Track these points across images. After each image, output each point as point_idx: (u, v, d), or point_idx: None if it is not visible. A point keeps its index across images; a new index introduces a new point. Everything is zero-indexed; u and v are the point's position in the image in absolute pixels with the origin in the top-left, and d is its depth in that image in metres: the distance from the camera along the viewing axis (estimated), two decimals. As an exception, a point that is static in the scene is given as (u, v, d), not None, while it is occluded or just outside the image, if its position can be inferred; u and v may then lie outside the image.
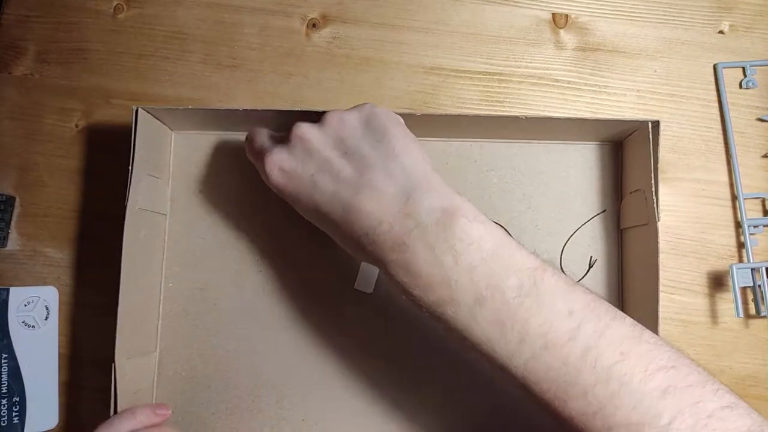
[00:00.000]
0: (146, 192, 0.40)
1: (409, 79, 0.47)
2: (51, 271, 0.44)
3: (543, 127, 0.42)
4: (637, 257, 0.42)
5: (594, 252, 0.44)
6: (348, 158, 0.33)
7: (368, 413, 0.42)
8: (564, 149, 0.45)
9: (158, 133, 0.43)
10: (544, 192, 0.45)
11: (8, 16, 0.47)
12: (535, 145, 0.45)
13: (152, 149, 0.42)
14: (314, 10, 0.47)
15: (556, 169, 0.45)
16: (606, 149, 0.45)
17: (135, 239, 0.39)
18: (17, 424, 0.41)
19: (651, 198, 0.38)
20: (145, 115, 0.40)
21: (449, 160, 0.45)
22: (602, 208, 0.45)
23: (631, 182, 0.43)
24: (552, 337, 0.28)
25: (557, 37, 0.47)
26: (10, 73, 0.47)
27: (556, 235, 0.44)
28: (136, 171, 0.39)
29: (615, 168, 0.45)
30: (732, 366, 0.44)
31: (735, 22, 0.47)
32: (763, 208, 0.45)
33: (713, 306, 0.44)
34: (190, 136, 0.45)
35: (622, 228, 0.44)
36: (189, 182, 0.45)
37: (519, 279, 0.29)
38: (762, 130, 0.46)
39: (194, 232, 0.44)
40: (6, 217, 0.44)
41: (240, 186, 0.44)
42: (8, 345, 0.42)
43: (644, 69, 0.47)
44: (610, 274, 0.44)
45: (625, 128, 0.42)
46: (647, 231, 0.39)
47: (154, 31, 0.47)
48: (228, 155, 0.45)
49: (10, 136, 0.46)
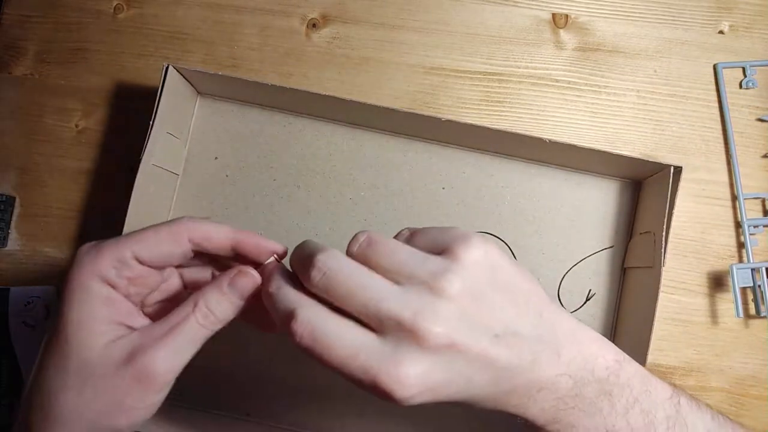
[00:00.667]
0: (163, 149, 0.40)
1: (409, 79, 0.47)
2: (51, 271, 0.44)
3: (564, 153, 0.42)
4: (636, 299, 0.41)
5: (594, 286, 0.44)
6: (501, 344, 0.26)
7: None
8: (582, 180, 0.45)
9: (184, 94, 0.43)
10: (555, 218, 0.44)
11: (8, 16, 0.47)
12: (554, 170, 0.45)
13: (175, 109, 0.42)
14: (314, 10, 0.47)
15: (571, 197, 0.45)
16: (624, 186, 0.45)
17: (144, 193, 0.39)
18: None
19: (660, 242, 0.38)
20: (174, 74, 0.40)
21: (466, 170, 0.45)
22: (610, 243, 0.44)
23: (643, 223, 0.42)
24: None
25: (557, 37, 0.47)
26: (10, 73, 0.47)
27: (559, 263, 0.44)
28: (157, 127, 0.39)
29: (630, 206, 0.44)
30: (732, 366, 0.44)
31: (735, 22, 0.47)
32: (763, 208, 0.45)
33: (713, 306, 0.44)
34: (216, 102, 0.45)
35: (625, 267, 0.44)
36: (207, 147, 0.45)
37: (665, 411, 0.29)
38: (762, 130, 0.46)
39: (203, 197, 0.45)
40: (6, 217, 0.44)
41: (256, 159, 0.45)
42: (8, 345, 0.42)
43: (644, 69, 0.47)
44: (606, 311, 0.44)
45: (647, 169, 0.41)
46: (650, 274, 0.39)
47: (154, 31, 0.47)
48: (250, 127, 0.45)
49: (10, 136, 0.46)
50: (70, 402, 0.26)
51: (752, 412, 0.43)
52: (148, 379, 0.26)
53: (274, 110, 0.45)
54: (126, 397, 0.26)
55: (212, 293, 0.28)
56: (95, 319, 0.26)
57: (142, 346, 0.26)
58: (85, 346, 0.26)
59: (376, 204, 0.45)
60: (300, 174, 0.45)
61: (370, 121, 0.44)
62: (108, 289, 0.27)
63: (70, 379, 0.26)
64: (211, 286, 0.28)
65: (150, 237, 0.28)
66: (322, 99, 0.40)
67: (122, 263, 0.27)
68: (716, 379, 0.44)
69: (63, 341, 0.26)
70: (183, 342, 0.27)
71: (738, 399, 0.43)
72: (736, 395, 0.43)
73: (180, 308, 0.28)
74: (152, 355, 0.26)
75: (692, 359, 0.44)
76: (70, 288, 0.27)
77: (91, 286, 0.27)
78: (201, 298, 0.28)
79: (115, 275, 0.27)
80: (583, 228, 0.44)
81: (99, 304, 0.27)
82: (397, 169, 0.45)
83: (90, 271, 0.27)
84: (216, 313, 0.28)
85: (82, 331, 0.26)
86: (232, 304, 0.29)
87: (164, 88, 0.39)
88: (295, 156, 0.45)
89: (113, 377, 0.26)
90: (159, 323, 0.27)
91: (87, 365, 0.26)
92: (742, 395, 0.44)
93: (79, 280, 0.27)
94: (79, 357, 0.26)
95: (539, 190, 0.45)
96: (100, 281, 0.27)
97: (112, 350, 0.26)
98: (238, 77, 0.40)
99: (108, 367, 0.26)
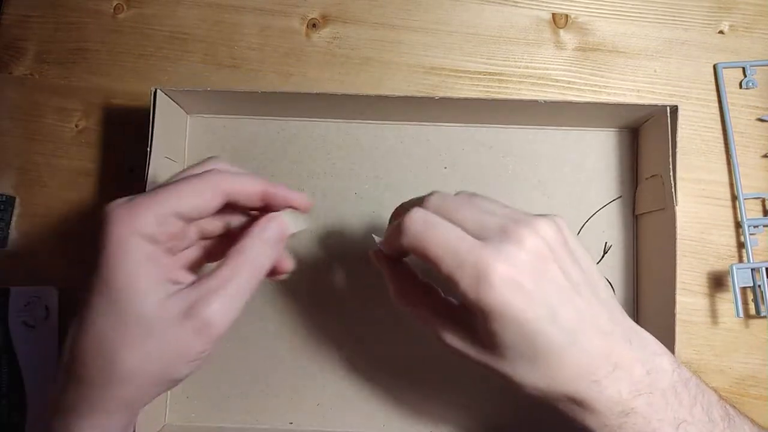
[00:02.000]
0: (163, 175, 0.40)
1: (409, 79, 0.47)
2: (51, 271, 0.44)
3: (560, 113, 0.42)
4: (653, 243, 0.42)
5: (609, 238, 0.44)
6: (583, 295, 0.28)
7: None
8: (580, 135, 0.45)
9: (174, 116, 0.43)
10: (559, 178, 0.45)
11: (8, 16, 0.47)
12: (550, 132, 0.45)
13: (169, 132, 0.42)
14: (314, 10, 0.47)
15: (571, 155, 0.45)
16: (622, 135, 0.45)
17: None
18: (17, 423, 0.41)
19: (669, 182, 0.38)
20: (163, 97, 0.40)
21: (465, 146, 0.45)
22: (618, 194, 0.45)
23: (648, 168, 0.43)
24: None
25: (557, 37, 0.47)
26: (10, 73, 0.47)
27: (571, 221, 0.44)
28: (155, 153, 0.39)
29: (631, 154, 0.45)
30: (732, 366, 0.44)
31: (735, 22, 0.47)
32: (763, 208, 0.45)
33: (713, 306, 0.44)
34: (206, 120, 0.45)
35: (637, 214, 0.44)
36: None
37: (719, 411, 0.29)
38: (762, 130, 0.46)
39: None
40: (6, 217, 0.44)
41: (255, 170, 0.45)
42: (8, 345, 0.42)
43: (644, 69, 0.47)
44: (625, 260, 0.44)
45: (643, 114, 0.42)
46: (664, 216, 0.39)
47: (154, 31, 0.47)
48: (244, 139, 0.45)
49: (10, 136, 0.46)
50: (134, 358, 0.26)
51: (752, 412, 0.43)
52: (209, 329, 0.27)
53: (265, 118, 0.45)
54: (187, 348, 0.27)
55: (257, 244, 0.29)
56: (143, 276, 0.26)
57: (200, 300, 0.27)
58: (140, 304, 0.26)
59: (381, 195, 0.45)
60: (301, 178, 0.45)
61: (362, 113, 0.44)
62: (151, 246, 0.27)
63: (128, 336, 0.26)
64: (254, 238, 0.29)
65: (188, 192, 0.28)
66: (312, 98, 0.40)
67: (163, 220, 0.27)
68: (716, 379, 0.44)
69: (113, 301, 0.26)
70: (237, 294, 0.28)
71: (738, 399, 0.43)
72: (736, 395, 0.43)
73: (229, 261, 0.28)
74: (211, 307, 0.27)
75: (692, 359, 0.44)
76: (110, 246, 0.26)
77: (134, 243, 0.26)
78: (248, 250, 0.29)
79: (157, 232, 0.27)
80: (589, 183, 0.45)
81: (144, 262, 0.27)
82: (397, 156, 0.45)
83: (130, 229, 0.26)
84: (264, 263, 0.29)
85: (132, 290, 0.26)
86: (274, 252, 0.30)
87: (156, 113, 0.39)
88: (294, 160, 0.45)
89: (174, 331, 0.26)
90: (211, 276, 0.28)
91: (145, 322, 0.26)
92: (742, 395, 0.44)
93: (119, 237, 0.26)
94: (136, 314, 0.26)
95: (539, 153, 0.45)
96: (141, 238, 0.27)
97: (169, 306, 0.26)
98: (224, 90, 0.40)
99: (168, 322, 0.26)
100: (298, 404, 0.43)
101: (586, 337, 0.27)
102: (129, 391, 0.27)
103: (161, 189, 0.28)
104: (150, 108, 0.38)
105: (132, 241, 0.26)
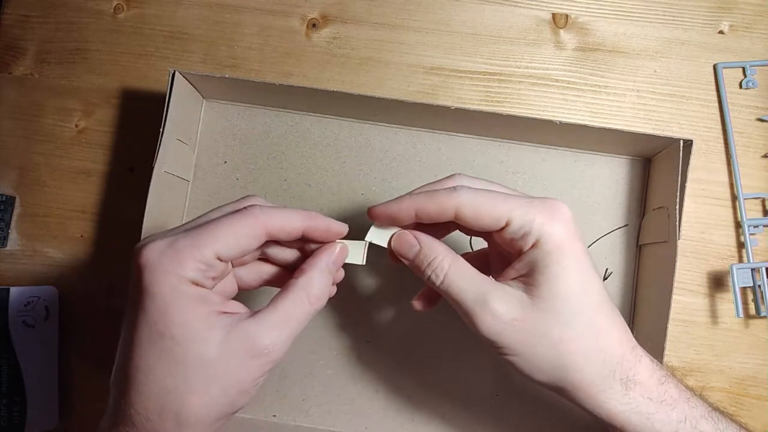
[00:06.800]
0: (173, 156, 0.40)
1: (409, 79, 0.47)
2: (51, 271, 0.44)
3: (573, 135, 0.42)
4: (653, 274, 0.42)
5: (611, 264, 0.44)
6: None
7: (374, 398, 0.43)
8: (592, 160, 0.45)
9: (190, 99, 0.43)
10: (567, 200, 0.43)
11: (8, 16, 0.47)
12: (563, 153, 0.45)
13: (183, 114, 0.42)
14: (314, 10, 0.47)
15: (582, 178, 0.45)
16: (634, 164, 0.45)
17: (158, 200, 0.39)
18: (17, 424, 0.41)
19: (674, 216, 0.38)
20: (181, 80, 0.40)
21: (476, 158, 0.45)
22: (624, 222, 0.44)
23: (656, 199, 0.43)
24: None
25: (557, 37, 0.47)
26: (10, 73, 0.47)
27: None
28: (167, 134, 0.39)
29: (641, 183, 0.45)
30: (732, 366, 0.44)
31: (735, 22, 0.47)
32: (763, 208, 0.45)
33: (713, 306, 0.44)
34: (221, 106, 0.45)
35: (640, 244, 0.44)
36: (215, 151, 0.45)
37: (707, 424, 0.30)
38: (762, 130, 0.46)
39: (216, 201, 0.45)
40: (6, 217, 0.44)
41: (265, 160, 0.45)
42: (8, 345, 0.42)
43: (644, 69, 0.47)
44: (624, 288, 0.44)
45: (657, 144, 0.41)
46: (666, 248, 0.39)
47: (154, 31, 0.47)
48: (257, 128, 0.45)
49: (10, 136, 0.46)
50: (200, 403, 0.26)
51: (752, 412, 0.43)
52: (271, 363, 0.28)
53: (280, 110, 0.45)
54: (249, 381, 0.27)
55: (319, 277, 0.30)
56: (198, 321, 0.27)
57: (261, 335, 0.27)
58: (201, 349, 0.26)
59: (388, 197, 0.44)
60: (310, 172, 0.45)
61: (376, 115, 0.44)
62: (199, 290, 0.27)
63: (192, 382, 0.26)
64: (314, 270, 0.30)
65: (228, 234, 0.28)
66: (329, 95, 0.40)
67: (206, 265, 0.27)
68: (716, 379, 0.44)
69: (169, 350, 0.26)
70: (298, 326, 0.29)
71: (738, 399, 0.43)
72: (736, 395, 0.43)
73: (290, 294, 0.29)
74: (272, 342, 0.27)
75: (692, 359, 0.44)
76: (160, 297, 0.26)
77: (183, 291, 0.27)
78: (310, 284, 0.30)
79: (202, 277, 0.27)
80: (596, 208, 0.45)
81: (197, 305, 0.27)
82: (407, 162, 0.45)
83: (177, 278, 0.26)
84: (325, 294, 0.30)
85: (190, 338, 0.26)
86: (331, 281, 0.31)
87: (172, 95, 0.39)
88: (304, 155, 0.45)
89: (237, 367, 0.27)
90: (270, 310, 0.28)
91: (208, 365, 0.26)
92: (742, 395, 0.44)
93: (169, 288, 0.26)
94: (198, 360, 0.26)
95: (550, 173, 0.45)
96: (189, 285, 0.27)
97: (231, 343, 0.27)
98: (243, 79, 0.40)
99: (230, 361, 0.27)
100: (283, 397, 0.43)
101: (610, 305, 0.31)
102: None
103: (201, 231, 0.28)
104: (167, 90, 0.38)
105: (181, 288, 0.27)
